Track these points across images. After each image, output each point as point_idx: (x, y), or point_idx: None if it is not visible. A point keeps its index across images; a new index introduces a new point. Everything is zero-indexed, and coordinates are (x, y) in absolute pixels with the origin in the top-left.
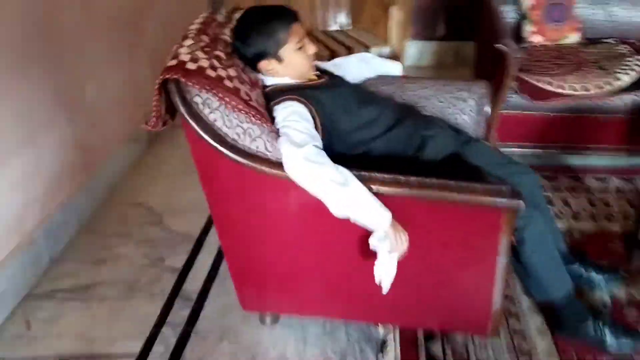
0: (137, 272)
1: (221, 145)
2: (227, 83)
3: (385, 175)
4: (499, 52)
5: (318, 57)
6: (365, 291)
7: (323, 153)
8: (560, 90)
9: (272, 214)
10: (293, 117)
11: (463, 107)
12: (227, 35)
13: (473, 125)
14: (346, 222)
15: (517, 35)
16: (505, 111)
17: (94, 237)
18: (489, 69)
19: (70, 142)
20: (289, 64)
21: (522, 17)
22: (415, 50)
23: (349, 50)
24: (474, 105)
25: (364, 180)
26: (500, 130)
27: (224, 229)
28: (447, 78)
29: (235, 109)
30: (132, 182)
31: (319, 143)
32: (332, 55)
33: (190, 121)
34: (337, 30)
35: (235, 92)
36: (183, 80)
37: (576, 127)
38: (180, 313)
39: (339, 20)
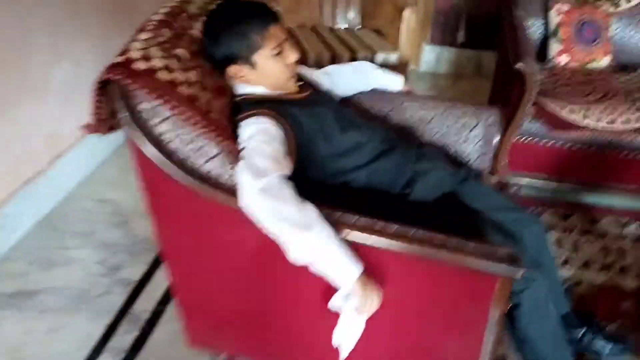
0: (88, 281)
1: (167, 164)
2: (183, 89)
3: (360, 218)
4: (518, 72)
5: (318, 57)
6: (331, 346)
7: (288, 185)
8: (582, 121)
9: (224, 247)
10: (260, 136)
11: (468, 136)
12: (197, 30)
13: (478, 157)
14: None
15: (542, 53)
16: (519, 138)
17: (50, 234)
18: (508, 87)
19: (35, 124)
20: (263, 71)
21: (551, 33)
22: (432, 56)
23: (353, 54)
24: (481, 134)
25: (334, 222)
26: (511, 157)
27: (170, 256)
28: (454, 100)
29: (189, 122)
30: (102, 175)
31: (287, 171)
32: (334, 57)
33: (133, 131)
34: (344, 29)
35: (192, 101)
36: (126, 82)
37: (596, 163)
38: (125, 337)
39: (348, 18)
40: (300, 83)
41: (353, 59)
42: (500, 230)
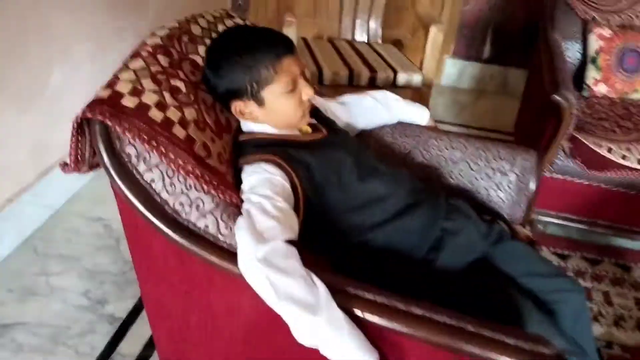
0: (69, 316)
1: (156, 217)
2: (178, 130)
3: (377, 297)
4: (554, 104)
5: (334, 76)
6: None
7: (293, 254)
8: (622, 161)
9: (219, 312)
10: (263, 189)
11: (500, 181)
12: (200, 55)
13: (510, 206)
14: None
15: (577, 79)
16: (550, 174)
17: (32, 258)
18: (539, 115)
19: (21, 136)
20: (272, 110)
21: (589, 59)
22: (454, 70)
23: (372, 73)
24: (514, 180)
25: (347, 297)
26: (540, 194)
27: (155, 316)
28: (486, 140)
29: (182, 170)
30: (93, 190)
31: (292, 234)
32: (351, 76)
33: (117, 179)
34: (364, 43)
35: (188, 144)
36: (109, 124)
37: (634, 206)
38: None
39: (369, 28)
40: (314, 121)
41: (372, 79)
42: (535, 302)
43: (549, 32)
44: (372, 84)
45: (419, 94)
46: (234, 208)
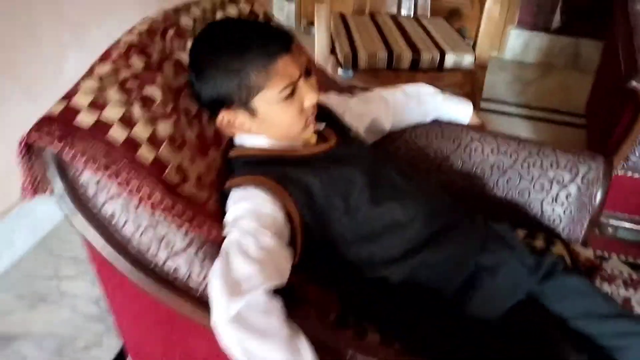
0: (77, 325)
1: (118, 259)
2: (145, 152)
3: None
4: (631, 91)
5: (371, 59)
6: None
7: (275, 308)
8: None
9: None
10: (248, 221)
11: (558, 195)
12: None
13: (568, 223)
14: None
15: None
16: (623, 172)
17: (46, 259)
18: (616, 97)
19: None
20: (267, 120)
21: None
22: (519, 42)
23: (415, 54)
24: (575, 194)
25: None
26: (610, 195)
27: (136, 356)
28: (542, 143)
29: (146, 202)
30: None
31: (280, 279)
32: (391, 58)
33: (72, 212)
34: (410, 18)
35: (156, 169)
36: (55, 151)
37: None
38: None
39: (419, 2)
40: (322, 127)
41: (415, 61)
42: (593, 349)
43: (628, 0)
44: (415, 67)
45: (470, 77)
46: (213, 246)
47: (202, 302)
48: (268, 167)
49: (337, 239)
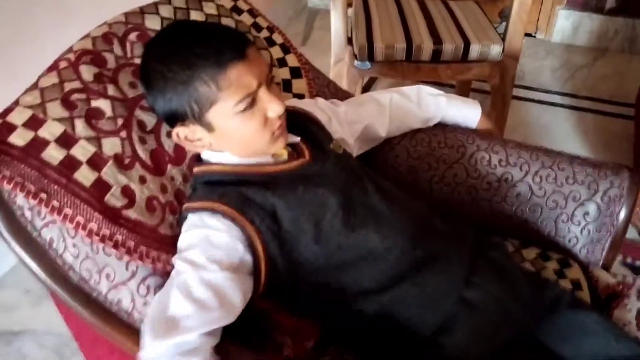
0: None
1: (57, 285)
2: (84, 174)
3: None
4: None
5: (387, 50)
6: None
7: (202, 348)
8: None
9: None
10: (197, 253)
11: (574, 213)
12: None
13: (586, 244)
14: None
15: None
16: None
17: None
18: None
19: None
20: (226, 136)
21: None
22: (568, 24)
23: (437, 46)
24: (594, 213)
25: None
26: None
27: None
28: (558, 153)
29: (82, 230)
30: None
31: (224, 319)
32: (409, 49)
33: (7, 236)
34: (438, 1)
35: (96, 192)
36: None
37: None
38: None
39: None
40: (296, 139)
41: (436, 52)
42: None
43: None
44: (436, 59)
45: (499, 68)
46: (161, 276)
47: None
48: (229, 189)
49: (305, 266)
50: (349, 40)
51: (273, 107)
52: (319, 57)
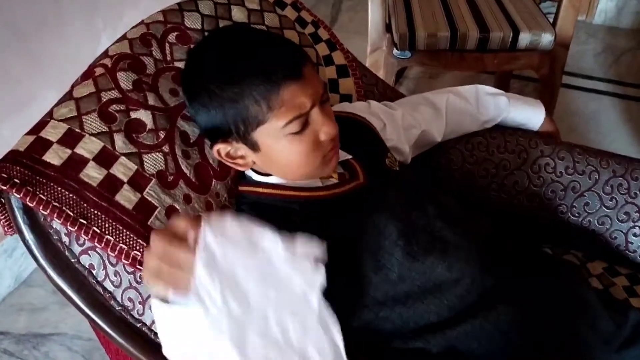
0: None
1: (97, 315)
2: (126, 195)
3: None
4: None
5: (430, 38)
6: None
7: None
8: None
9: None
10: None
11: None
12: None
13: None
14: None
15: None
16: None
17: None
18: None
19: None
20: (272, 157)
21: None
22: (612, 4)
23: (483, 35)
24: None
25: None
26: None
27: None
28: (631, 162)
29: (125, 258)
30: None
31: None
32: (454, 37)
33: (43, 262)
34: None
35: (140, 215)
36: (18, 196)
37: None
38: None
39: None
40: (347, 157)
41: (483, 41)
42: None
43: None
44: (483, 48)
45: (549, 58)
46: None
47: None
48: (274, 217)
49: (364, 300)
50: (387, 28)
51: (326, 129)
52: (348, 40)
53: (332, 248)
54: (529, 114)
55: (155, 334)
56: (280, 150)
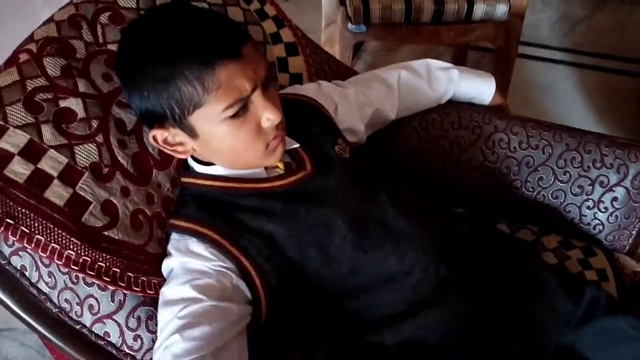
0: None
1: (36, 322)
2: (57, 191)
3: None
4: None
5: (384, 13)
6: None
7: None
8: None
9: None
10: (182, 283)
11: (600, 198)
12: None
13: (612, 230)
14: None
15: None
16: None
17: None
18: None
19: None
20: (209, 143)
21: None
22: None
23: (438, 7)
24: (623, 197)
25: None
26: None
27: None
28: (583, 134)
29: (58, 259)
30: None
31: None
32: (408, 10)
33: None
34: None
35: (72, 211)
36: None
37: None
38: None
39: None
40: (294, 145)
41: (437, 13)
42: None
43: None
44: (438, 21)
45: (504, 28)
46: (152, 305)
47: None
48: (218, 212)
49: (314, 295)
50: (342, 0)
51: (268, 115)
52: (303, 15)
53: (278, 243)
54: (481, 87)
55: (96, 335)
56: (219, 136)
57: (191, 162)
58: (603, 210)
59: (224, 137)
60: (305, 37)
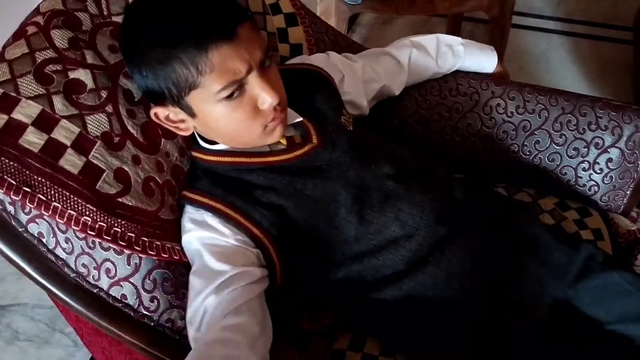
0: None
1: (55, 287)
2: (70, 159)
3: None
4: None
5: None
6: None
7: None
8: None
9: None
10: (204, 260)
11: (596, 160)
12: None
13: (607, 191)
14: None
15: None
16: None
17: None
18: None
19: None
20: (209, 124)
21: None
22: None
23: None
24: (617, 158)
25: None
26: None
27: None
28: (578, 97)
29: (75, 225)
30: None
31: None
32: None
33: None
34: None
35: (86, 179)
36: None
37: None
38: None
39: None
40: (298, 119)
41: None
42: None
43: None
44: None
45: None
46: (167, 268)
47: (156, 335)
48: (230, 187)
49: (323, 261)
50: None
51: (264, 97)
52: None
53: (288, 216)
54: (483, 61)
55: (114, 298)
56: (216, 117)
57: (198, 138)
58: (598, 171)
59: (221, 117)
60: (304, 8)
